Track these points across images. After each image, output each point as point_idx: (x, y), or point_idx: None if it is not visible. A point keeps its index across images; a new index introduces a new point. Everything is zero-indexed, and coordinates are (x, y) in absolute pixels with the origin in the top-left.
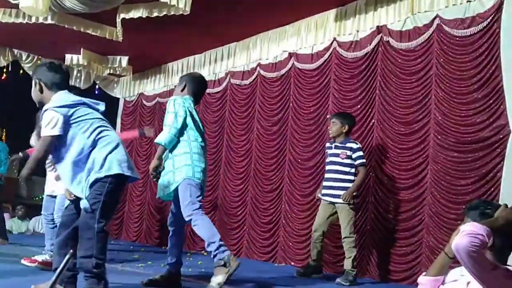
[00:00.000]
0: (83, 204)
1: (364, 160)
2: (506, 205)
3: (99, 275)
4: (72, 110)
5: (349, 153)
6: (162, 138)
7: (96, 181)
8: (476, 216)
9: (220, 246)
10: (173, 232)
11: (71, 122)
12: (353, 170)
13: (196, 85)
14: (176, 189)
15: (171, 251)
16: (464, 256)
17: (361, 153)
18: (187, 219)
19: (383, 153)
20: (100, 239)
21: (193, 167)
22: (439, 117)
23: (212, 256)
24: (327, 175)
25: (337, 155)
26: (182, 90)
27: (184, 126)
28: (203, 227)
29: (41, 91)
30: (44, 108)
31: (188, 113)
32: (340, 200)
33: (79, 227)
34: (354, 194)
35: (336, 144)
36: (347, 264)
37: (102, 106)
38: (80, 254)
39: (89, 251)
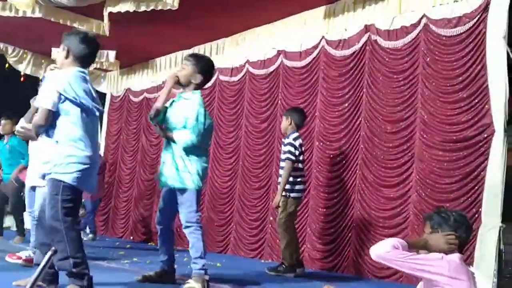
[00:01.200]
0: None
1: (289, 155)
2: (447, 235)
3: (79, 273)
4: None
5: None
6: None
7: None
8: (439, 220)
9: (205, 265)
10: (161, 230)
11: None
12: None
13: (211, 74)
14: (179, 189)
15: (162, 248)
16: (377, 259)
17: (288, 147)
18: (187, 225)
19: (369, 151)
20: (73, 238)
21: (203, 176)
22: (425, 116)
23: (194, 269)
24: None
25: (281, 151)
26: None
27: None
28: (200, 240)
29: (66, 57)
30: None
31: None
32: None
33: (47, 232)
34: (288, 187)
35: (283, 140)
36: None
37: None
38: (57, 258)
39: (63, 253)
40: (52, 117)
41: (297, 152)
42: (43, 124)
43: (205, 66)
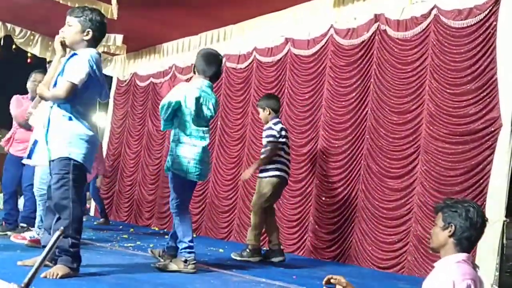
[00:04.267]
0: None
1: (270, 138)
2: None
3: (74, 254)
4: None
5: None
6: None
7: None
8: (451, 214)
9: (188, 247)
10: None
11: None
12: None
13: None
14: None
15: (174, 235)
16: None
17: (268, 132)
18: (172, 210)
19: (375, 142)
20: (77, 218)
21: (188, 163)
22: (432, 108)
23: (179, 251)
24: None
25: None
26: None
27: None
28: (180, 225)
29: (87, 37)
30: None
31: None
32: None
33: (54, 207)
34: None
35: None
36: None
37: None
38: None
39: (65, 231)
40: (75, 93)
41: (277, 135)
42: (63, 97)
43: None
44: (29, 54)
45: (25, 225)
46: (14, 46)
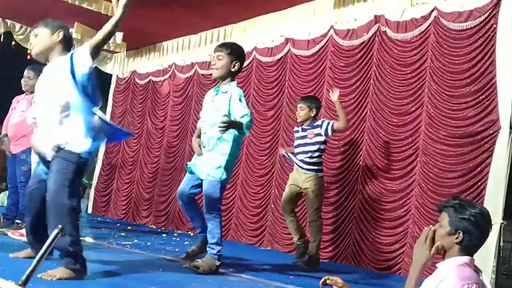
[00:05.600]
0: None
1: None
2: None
3: (75, 253)
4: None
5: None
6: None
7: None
8: (457, 217)
9: (220, 251)
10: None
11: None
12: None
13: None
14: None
15: (196, 222)
16: None
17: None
18: (211, 211)
19: (374, 143)
20: (71, 217)
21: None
22: (431, 110)
23: (209, 252)
24: None
25: (297, 137)
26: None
27: None
28: (218, 228)
29: (59, 40)
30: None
31: None
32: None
33: (47, 205)
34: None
35: (302, 126)
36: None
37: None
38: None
39: (62, 228)
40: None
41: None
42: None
43: (239, 51)
44: (28, 51)
45: (19, 221)
46: (13, 43)
